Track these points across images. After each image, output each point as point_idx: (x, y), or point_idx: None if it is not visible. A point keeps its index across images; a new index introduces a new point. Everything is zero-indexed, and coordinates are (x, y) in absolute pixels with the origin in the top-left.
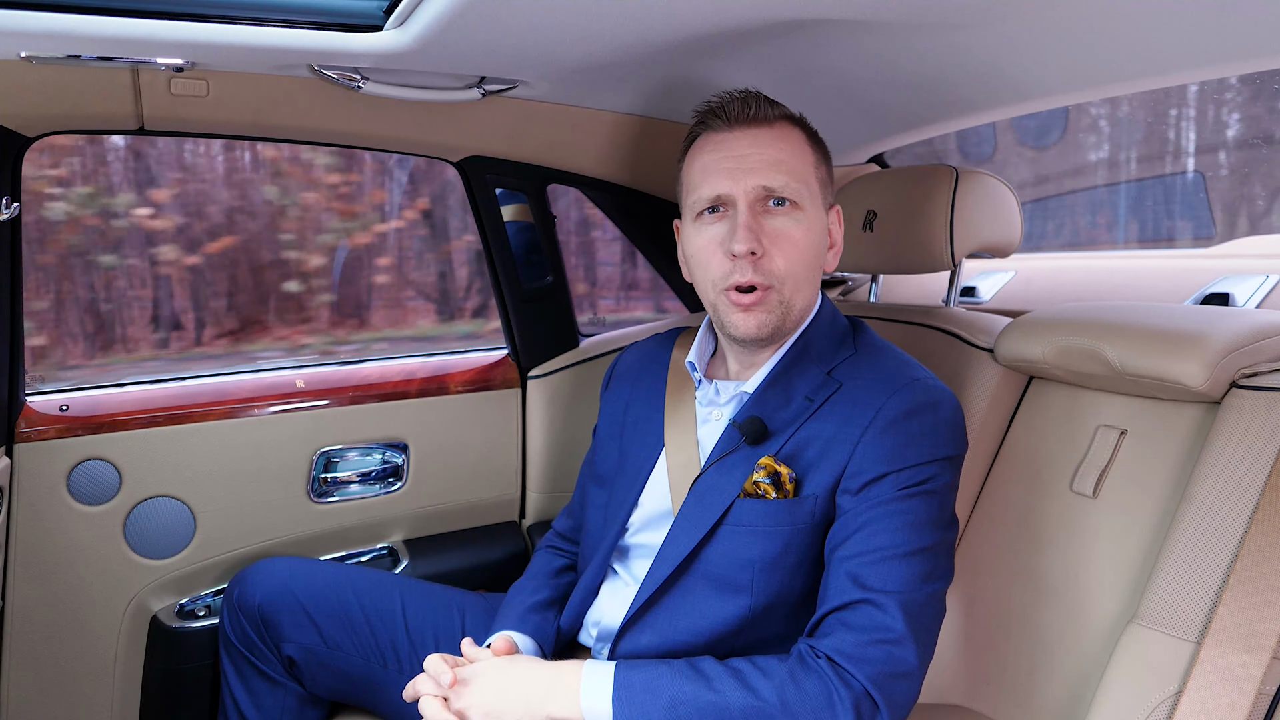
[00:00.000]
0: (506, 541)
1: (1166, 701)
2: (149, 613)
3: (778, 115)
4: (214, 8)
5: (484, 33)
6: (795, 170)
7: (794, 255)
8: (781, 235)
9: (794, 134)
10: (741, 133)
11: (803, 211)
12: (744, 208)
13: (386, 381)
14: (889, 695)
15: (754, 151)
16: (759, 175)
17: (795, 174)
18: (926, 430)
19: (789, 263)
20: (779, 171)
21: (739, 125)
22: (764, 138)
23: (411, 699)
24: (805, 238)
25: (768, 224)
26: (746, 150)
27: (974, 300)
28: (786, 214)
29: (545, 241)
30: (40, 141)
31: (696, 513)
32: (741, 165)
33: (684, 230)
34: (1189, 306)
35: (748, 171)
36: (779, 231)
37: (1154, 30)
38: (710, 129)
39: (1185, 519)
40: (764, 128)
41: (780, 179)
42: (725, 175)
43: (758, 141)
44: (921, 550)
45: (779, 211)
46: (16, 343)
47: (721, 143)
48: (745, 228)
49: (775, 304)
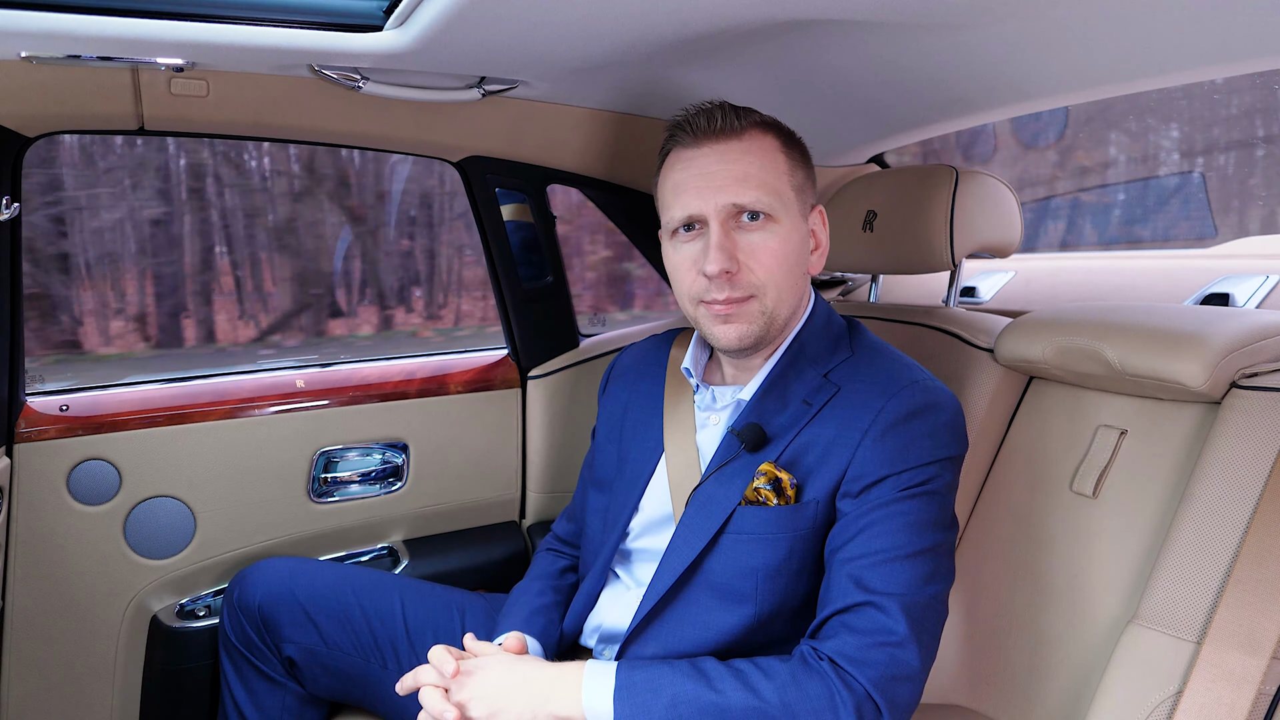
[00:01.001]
0: (506, 541)
1: (1166, 701)
2: (149, 613)
3: (745, 125)
4: (214, 8)
5: (484, 33)
6: (766, 183)
7: (772, 265)
8: (758, 248)
9: (764, 142)
10: (709, 148)
11: (778, 223)
12: (716, 226)
13: (386, 382)
14: (891, 698)
15: (721, 168)
16: (728, 193)
17: (766, 186)
18: (927, 432)
19: (767, 272)
20: (748, 186)
21: (706, 140)
22: (732, 152)
23: (411, 689)
24: (783, 247)
25: (742, 240)
26: (714, 167)
27: (974, 300)
28: (760, 228)
29: (545, 241)
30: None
31: (698, 522)
32: (710, 184)
33: (664, 245)
34: (1189, 306)
35: (717, 190)
36: (754, 245)
37: (1154, 30)
38: (679, 144)
39: (1185, 519)
40: (732, 140)
41: (750, 194)
42: (695, 194)
43: (725, 157)
44: (923, 551)
45: (753, 226)
46: (16, 343)
47: (690, 160)
48: (717, 248)
49: (756, 313)
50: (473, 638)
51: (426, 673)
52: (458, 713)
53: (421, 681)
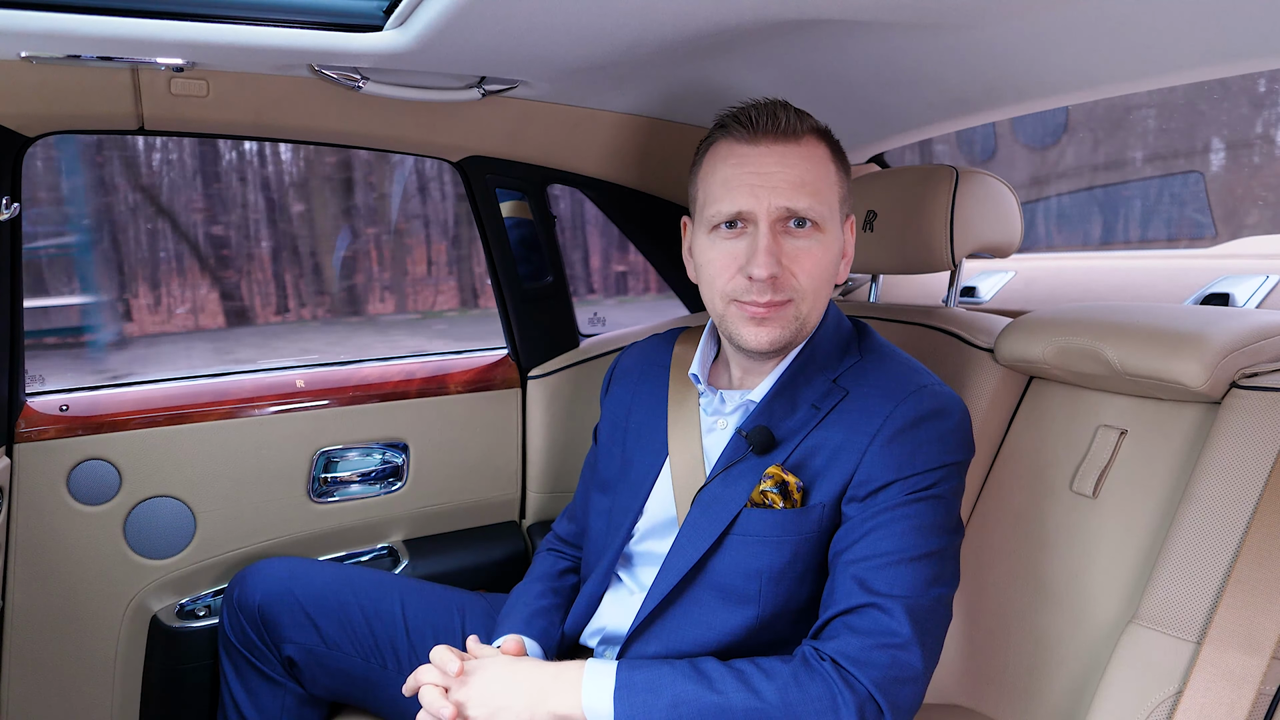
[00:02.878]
0: (506, 541)
1: (1166, 701)
2: (149, 613)
3: (806, 129)
4: (214, 8)
5: (484, 33)
6: (819, 191)
7: (815, 272)
8: (802, 254)
9: (819, 150)
10: (768, 147)
11: (823, 232)
12: (765, 229)
13: (386, 382)
14: (893, 699)
15: (780, 169)
16: (783, 196)
17: (819, 195)
18: (935, 437)
19: (809, 278)
20: (803, 193)
21: (765, 139)
22: (791, 155)
23: (413, 690)
24: (825, 256)
25: (788, 245)
26: (772, 168)
27: (974, 300)
28: (808, 235)
29: (545, 242)
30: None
31: (703, 523)
32: (766, 183)
33: (697, 238)
34: (1189, 306)
35: (772, 190)
36: (799, 251)
37: (1154, 30)
38: (733, 137)
39: (1185, 519)
40: (791, 143)
41: (805, 201)
42: (748, 191)
43: (784, 159)
44: (928, 555)
45: (800, 233)
46: (16, 343)
47: (745, 156)
48: (766, 252)
49: (791, 318)
50: (475, 639)
51: (427, 672)
52: (454, 710)
53: (422, 681)
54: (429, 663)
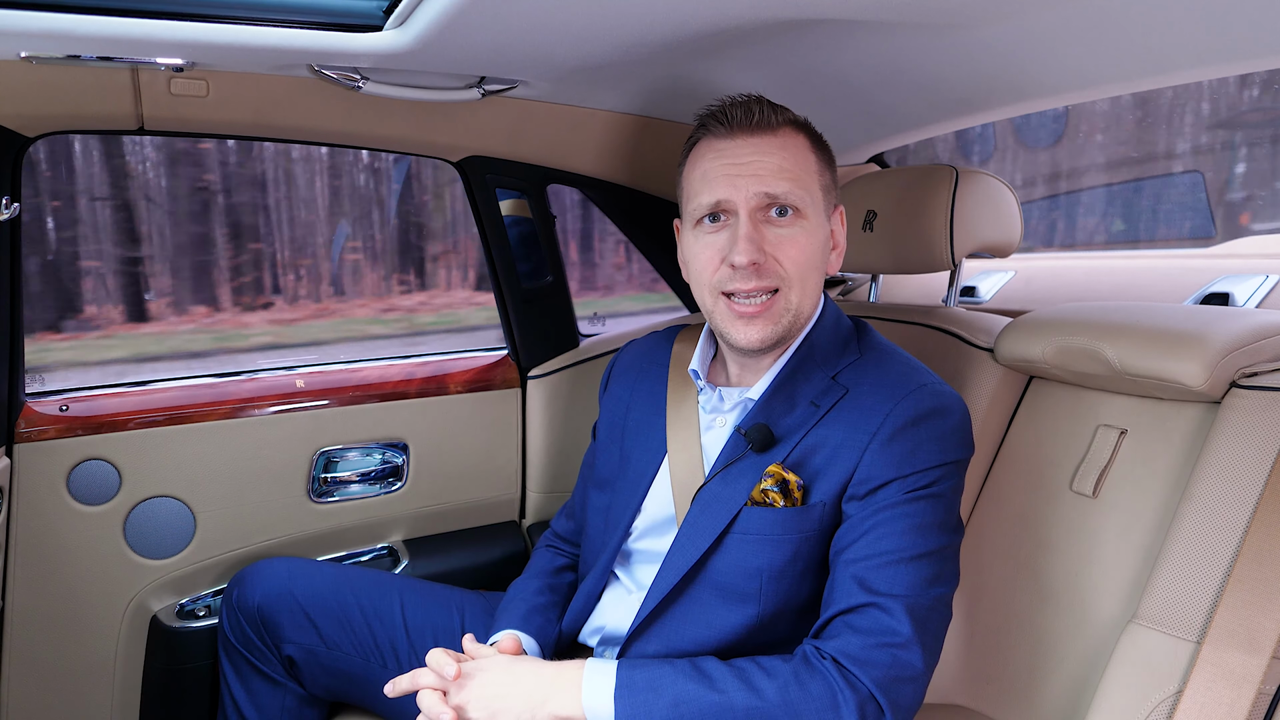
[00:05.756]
0: (506, 541)
1: (1167, 701)
2: (149, 613)
3: (782, 121)
4: (214, 8)
5: (484, 33)
6: (798, 178)
7: (799, 259)
8: (785, 241)
9: (798, 140)
10: (744, 140)
11: (805, 219)
12: (745, 217)
13: (386, 382)
14: (894, 699)
15: (756, 158)
16: (761, 182)
17: (798, 181)
18: (934, 435)
19: (794, 266)
20: (781, 178)
21: (741, 132)
22: (767, 145)
23: (406, 691)
24: (809, 243)
25: (770, 233)
26: (749, 157)
27: (974, 300)
28: (790, 223)
29: (545, 241)
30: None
31: (703, 521)
32: (743, 172)
33: (683, 236)
34: (1189, 306)
35: (750, 178)
36: (782, 239)
37: (1154, 30)
38: (711, 134)
39: (1185, 519)
40: (767, 135)
41: (783, 186)
42: (726, 181)
43: (760, 149)
44: (928, 554)
45: (781, 221)
46: (16, 343)
47: (723, 150)
48: (746, 239)
49: (781, 310)
50: (471, 639)
51: (425, 675)
52: (454, 714)
53: (419, 684)
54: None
